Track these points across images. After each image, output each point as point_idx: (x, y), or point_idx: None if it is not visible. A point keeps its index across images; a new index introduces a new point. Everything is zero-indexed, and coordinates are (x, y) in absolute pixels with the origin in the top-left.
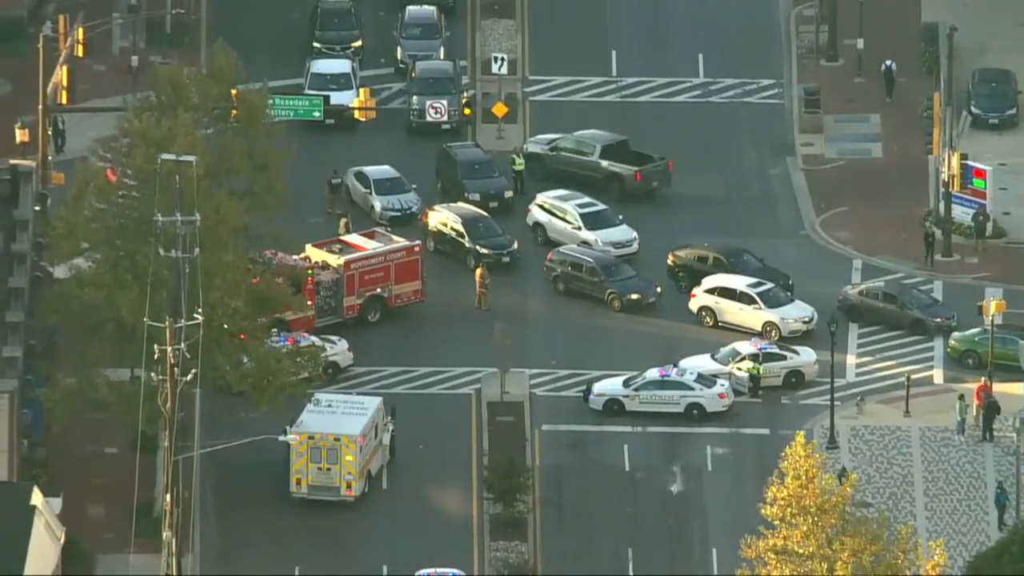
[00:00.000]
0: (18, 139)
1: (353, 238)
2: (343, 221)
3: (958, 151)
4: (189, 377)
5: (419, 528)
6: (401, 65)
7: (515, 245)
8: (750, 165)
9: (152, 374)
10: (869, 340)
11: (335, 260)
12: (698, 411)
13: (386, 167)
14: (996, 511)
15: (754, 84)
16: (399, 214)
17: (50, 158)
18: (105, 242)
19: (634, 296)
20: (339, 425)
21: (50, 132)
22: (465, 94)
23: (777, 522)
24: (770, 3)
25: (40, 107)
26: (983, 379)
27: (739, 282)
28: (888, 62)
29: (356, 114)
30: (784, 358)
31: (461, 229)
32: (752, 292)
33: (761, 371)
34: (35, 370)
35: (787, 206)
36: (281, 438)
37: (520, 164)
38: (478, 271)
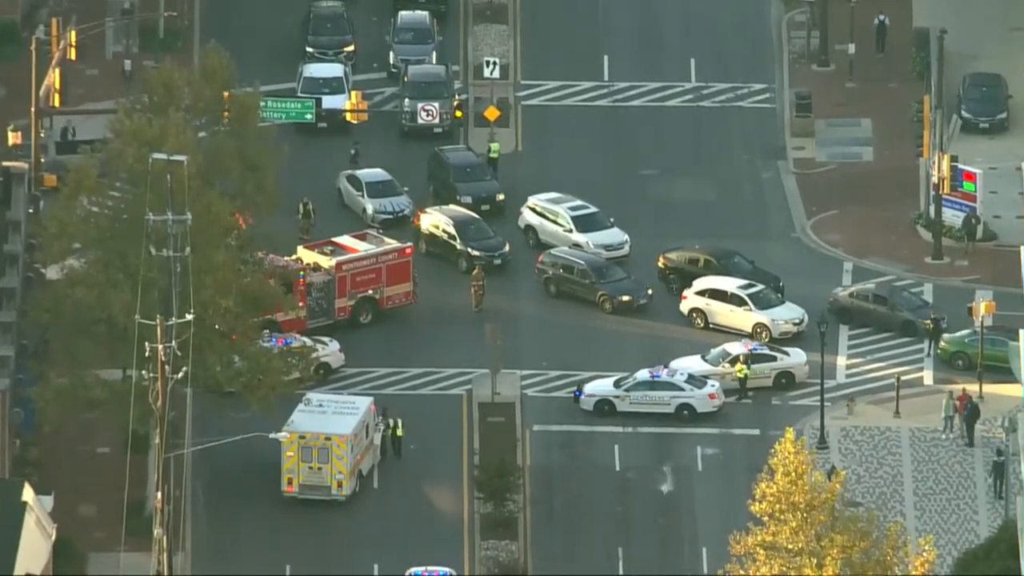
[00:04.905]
0: (11, 142)
1: (345, 240)
2: (306, 206)
3: (948, 154)
4: (180, 375)
5: (410, 527)
6: (394, 69)
7: (507, 247)
8: (742, 169)
9: (143, 372)
10: (859, 342)
11: (326, 262)
12: (688, 412)
13: (378, 170)
14: (995, 479)
15: (746, 88)
16: (391, 216)
17: (43, 160)
18: (97, 241)
19: (625, 298)
20: (330, 425)
21: (59, 140)
22: (457, 98)
23: (766, 518)
24: (762, 8)
25: (32, 110)
26: (963, 388)
27: (730, 284)
28: (881, 16)
29: (348, 117)
30: (775, 359)
31: (453, 231)
32: (743, 294)
33: (748, 373)
34: (27, 369)
35: (778, 209)
36: (272, 435)
37: (496, 151)
38: (474, 272)
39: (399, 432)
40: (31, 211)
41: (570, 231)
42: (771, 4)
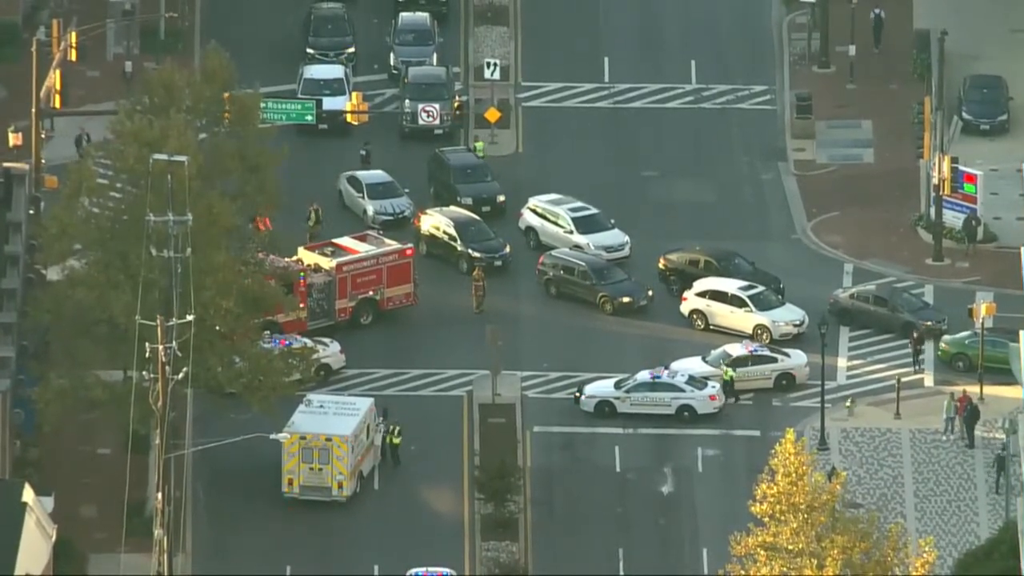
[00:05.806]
0: (11, 143)
1: (345, 241)
2: (314, 210)
3: (948, 155)
4: (180, 376)
5: (410, 528)
6: (394, 71)
7: (507, 249)
8: (742, 170)
9: (144, 373)
10: (860, 343)
11: (327, 263)
12: (689, 413)
13: (379, 171)
14: (997, 472)
15: (746, 90)
16: (392, 218)
17: (44, 161)
18: (98, 242)
19: (625, 299)
20: (330, 426)
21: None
22: (458, 99)
23: (767, 519)
24: (763, 10)
25: (33, 111)
26: (963, 390)
27: (730, 285)
28: (877, 10)
29: (349, 118)
30: (775, 361)
31: (453, 233)
32: (743, 295)
33: (734, 376)
34: (28, 370)
35: (779, 211)
36: (272, 436)
37: (480, 150)
38: (475, 274)
39: (395, 440)
40: (32, 212)
41: (571, 232)
42: (772, 6)
